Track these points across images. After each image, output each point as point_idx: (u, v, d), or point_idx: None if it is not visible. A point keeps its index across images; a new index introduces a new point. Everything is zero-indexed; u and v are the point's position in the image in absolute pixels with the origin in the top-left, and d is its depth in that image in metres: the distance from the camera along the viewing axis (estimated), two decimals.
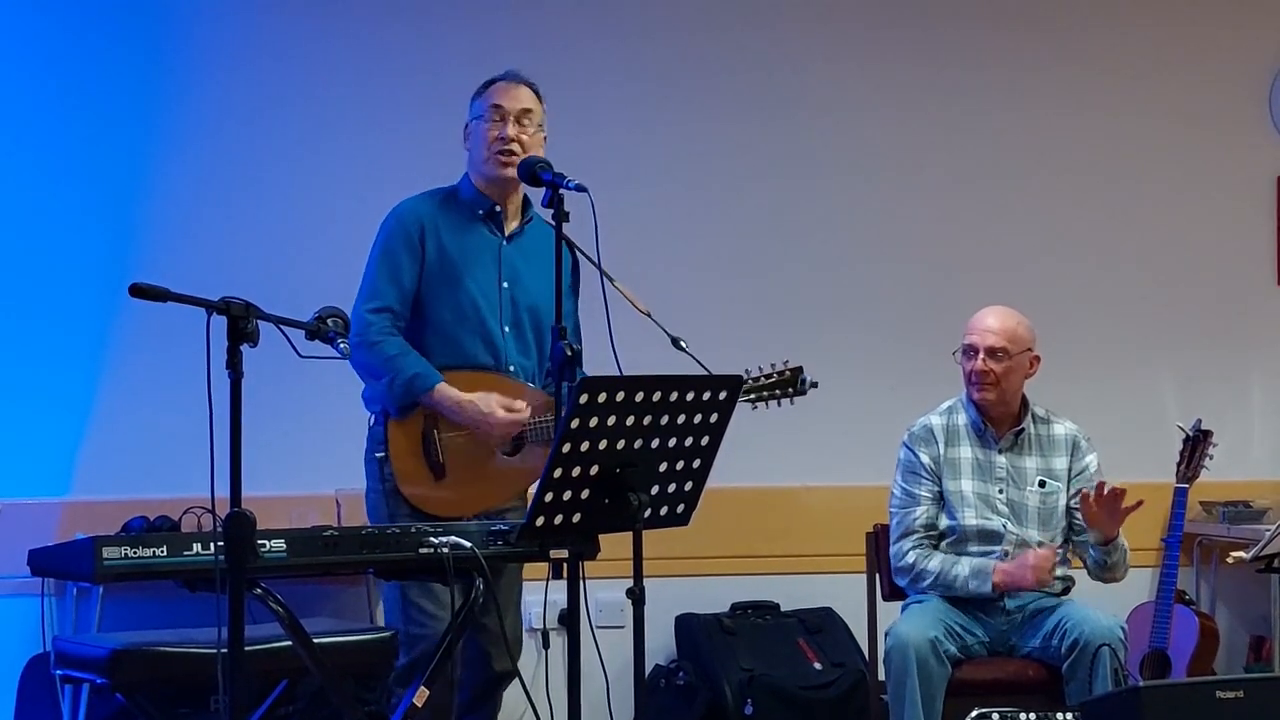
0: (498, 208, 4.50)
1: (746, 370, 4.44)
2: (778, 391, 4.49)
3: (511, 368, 4.46)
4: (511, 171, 4.36)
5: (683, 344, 4.32)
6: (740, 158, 6.16)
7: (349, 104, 5.84)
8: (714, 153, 6.14)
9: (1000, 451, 5.11)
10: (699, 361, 4.21)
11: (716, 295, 6.05)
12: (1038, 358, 5.10)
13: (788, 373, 4.50)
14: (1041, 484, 5.10)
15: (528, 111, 4.46)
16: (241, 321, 3.35)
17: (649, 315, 4.27)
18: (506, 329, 4.47)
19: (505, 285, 4.48)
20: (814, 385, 4.52)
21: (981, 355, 5.03)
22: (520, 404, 4.36)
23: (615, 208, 4.26)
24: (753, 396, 4.46)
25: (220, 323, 3.34)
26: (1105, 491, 4.86)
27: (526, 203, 4.55)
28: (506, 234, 4.51)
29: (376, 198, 4.75)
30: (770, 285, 6.16)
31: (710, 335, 4.40)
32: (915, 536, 5.06)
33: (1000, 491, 5.09)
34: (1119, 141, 6.44)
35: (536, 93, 4.52)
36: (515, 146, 4.42)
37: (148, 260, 5.51)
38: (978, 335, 5.05)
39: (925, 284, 6.26)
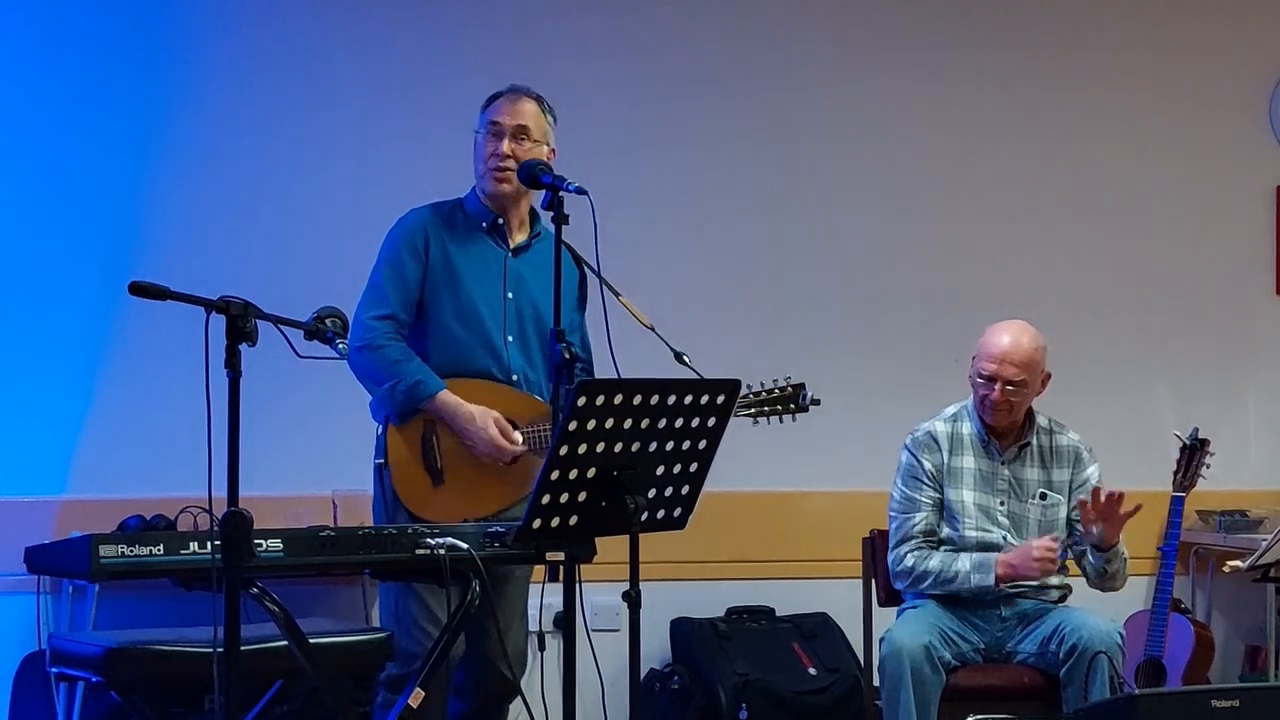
0: (500, 220, 4.51)
1: (749, 385, 4.44)
2: (779, 407, 4.50)
3: (515, 377, 4.46)
4: (507, 187, 4.39)
5: (686, 359, 4.33)
6: (742, 168, 6.16)
7: (350, 106, 5.85)
8: (716, 164, 6.14)
9: (1004, 463, 5.10)
10: (698, 374, 4.21)
11: (715, 300, 6.05)
12: (1049, 375, 5.08)
13: (789, 388, 4.51)
14: (1043, 496, 5.09)
15: (524, 128, 4.45)
16: (240, 321, 3.35)
17: (653, 329, 4.27)
18: (510, 338, 4.47)
19: (510, 296, 4.49)
20: (816, 402, 4.53)
21: (1000, 386, 5.00)
22: (518, 437, 4.36)
23: (616, 215, 4.26)
24: (753, 411, 4.47)
25: (219, 322, 3.34)
26: (1103, 497, 4.86)
27: (534, 217, 4.55)
28: (512, 247, 4.52)
29: (376, 199, 4.77)
30: (769, 290, 6.16)
31: (709, 340, 4.42)
32: (914, 542, 5.05)
33: (1002, 503, 5.08)
34: (1119, 150, 6.45)
35: (542, 106, 4.51)
36: (510, 163, 4.42)
37: (147, 259, 5.51)
38: (997, 366, 4.98)
39: (923, 289, 6.26)
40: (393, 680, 4.41)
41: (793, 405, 4.52)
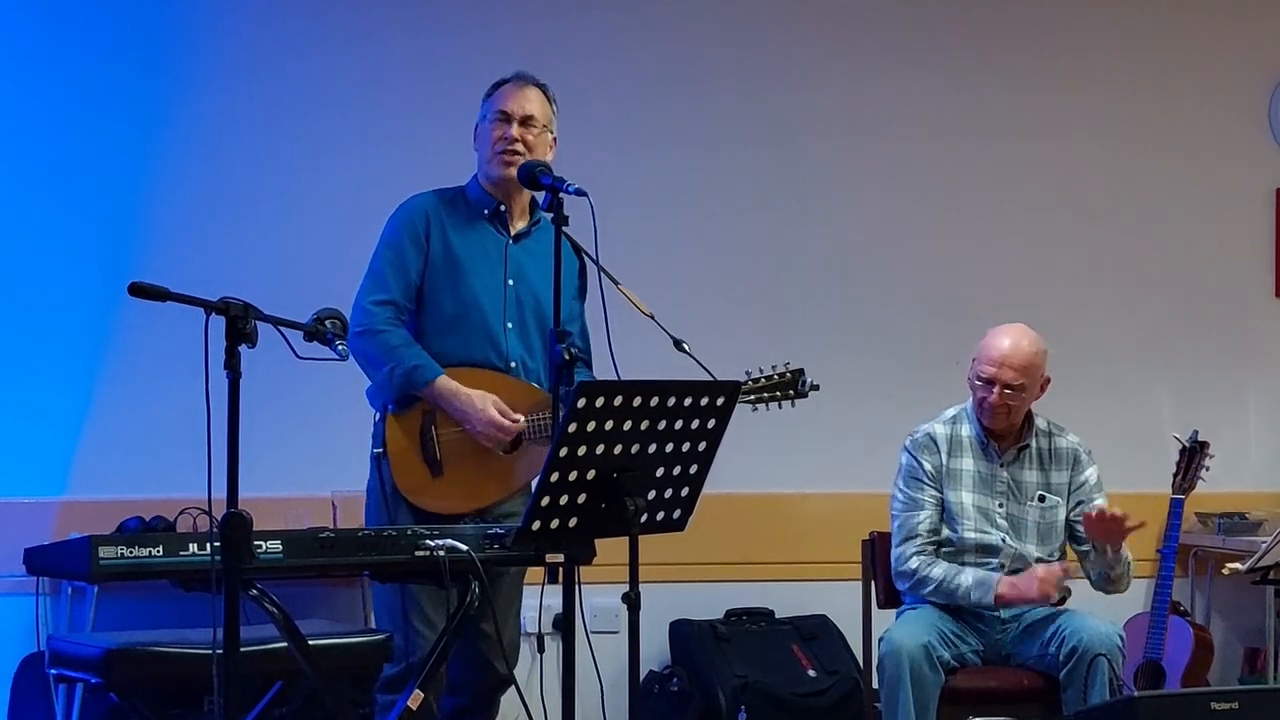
0: (502, 207, 4.52)
1: (747, 372, 4.44)
2: (778, 393, 4.49)
3: (513, 364, 4.46)
4: (514, 171, 4.38)
5: (685, 346, 4.33)
6: (742, 169, 6.16)
7: (350, 107, 5.85)
8: (716, 164, 6.14)
9: (1003, 465, 5.10)
10: (700, 363, 4.22)
11: (715, 302, 6.05)
12: (1048, 380, 5.08)
13: (788, 374, 4.50)
14: (1041, 499, 5.09)
15: (531, 117, 4.47)
16: (240, 322, 3.35)
17: (652, 317, 4.27)
18: (509, 325, 4.47)
19: (511, 283, 4.49)
20: (815, 388, 4.52)
21: (998, 389, 5.00)
22: (519, 417, 4.37)
23: (615, 216, 4.26)
24: (753, 398, 4.45)
25: (219, 323, 3.34)
26: (1106, 515, 4.85)
27: (534, 205, 4.57)
28: (513, 234, 4.53)
29: (376, 200, 4.76)
30: (768, 290, 6.16)
31: (708, 342, 4.41)
32: (919, 541, 5.05)
33: (1000, 505, 5.07)
34: (1118, 153, 6.45)
35: (546, 94, 4.53)
36: (519, 147, 4.43)
37: (147, 260, 5.51)
38: (996, 369, 4.98)
39: (922, 292, 6.26)
40: (389, 681, 4.41)
41: (792, 391, 4.50)
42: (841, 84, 6.25)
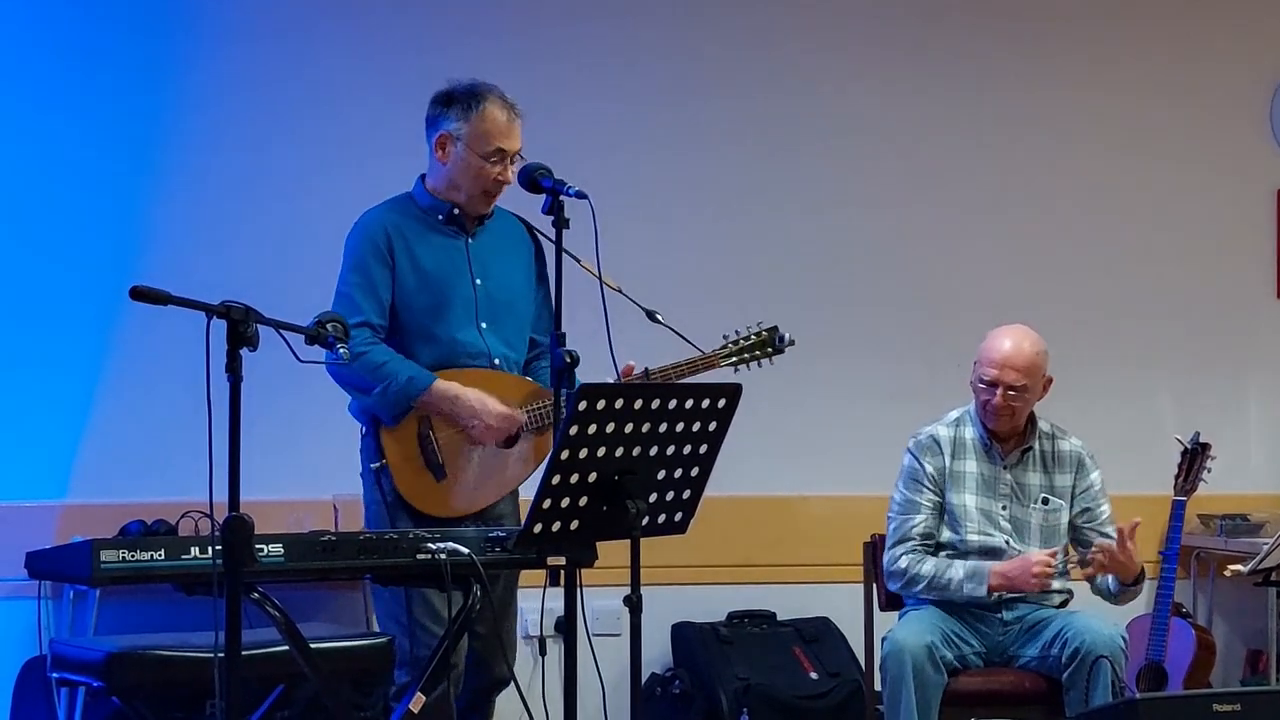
0: (456, 210, 4.50)
1: (724, 335, 4.46)
2: (757, 351, 4.51)
3: (496, 360, 4.46)
4: (492, 206, 4.44)
5: (659, 316, 4.34)
6: (742, 171, 6.16)
7: (351, 111, 5.84)
8: (718, 165, 6.13)
9: (1006, 468, 5.09)
10: (678, 332, 4.27)
11: (714, 305, 6.02)
12: (1050, 380, 5.08)
13: (764, 333, 4.52)
14: (1045, 501, 5.09)
15: (519, 151, 4.43)
16: (241, 325, 3.35)
17: (619, 290, 4.28)
18: (484, 325, 4.47)
19: (479, 282, 4.48)
20: (791, 343, 4.53)
21: (1001, 391, 5.00)
22: (516, 410, 4.37)
23: (616, 217, 4.27)
24: (734, 359, 4.47)
25: (220, 326, 3.34)
26: (1128, 534, 4.85)
27: None
28: (470, 232, 4.52)
29: (376, 204, 4.76)
30: (768, 295, 6.14)
31: (708, 343, 4.42)
32: (910, 544, 5.04)
33: (1004, 508, 5.07)
34: (1119, 154, 6.44)
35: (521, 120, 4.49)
36: (505, 187, 4.44)
37: (148, 263, 5.50)
38: (999, 371, 4.97)
39: (924, 295, 6.26)
40: (403, 691, 4.40)
41: (770, 349, 4.52)
42: (844, 86, 6.25)
